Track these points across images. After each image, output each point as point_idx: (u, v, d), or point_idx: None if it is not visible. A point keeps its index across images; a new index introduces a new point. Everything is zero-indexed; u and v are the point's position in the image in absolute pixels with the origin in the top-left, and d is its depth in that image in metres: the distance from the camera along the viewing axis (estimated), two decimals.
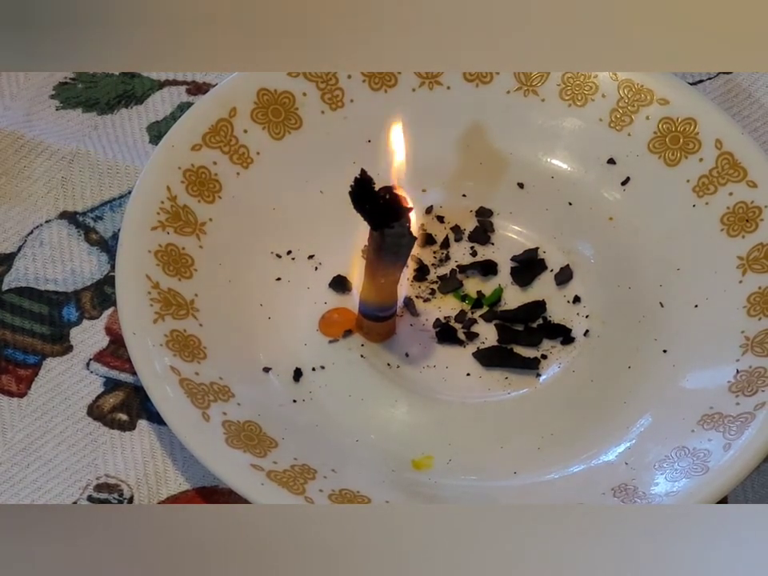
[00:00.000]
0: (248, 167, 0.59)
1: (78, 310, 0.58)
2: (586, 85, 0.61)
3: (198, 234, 0.57)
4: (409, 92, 0.61)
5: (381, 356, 0.56)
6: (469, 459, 0.54)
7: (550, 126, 0.62)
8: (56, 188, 0.61)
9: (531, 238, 0.60)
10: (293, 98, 0.60)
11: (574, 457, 0.54)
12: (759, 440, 0.51)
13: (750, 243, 0.57)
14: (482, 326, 0.58)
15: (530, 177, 0.61)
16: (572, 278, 0.59)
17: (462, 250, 0.60)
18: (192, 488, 0.54)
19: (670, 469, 0.52)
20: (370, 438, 0.54)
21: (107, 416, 0.55)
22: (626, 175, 0.61)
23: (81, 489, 0.54)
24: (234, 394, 0.53)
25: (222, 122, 0.59)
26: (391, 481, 0.52)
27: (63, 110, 0.64)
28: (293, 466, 0.51)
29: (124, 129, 0.64)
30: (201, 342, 0.54)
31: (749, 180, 0.58)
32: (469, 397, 0.56)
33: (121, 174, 0.62)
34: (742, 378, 0.54)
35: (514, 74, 0.61)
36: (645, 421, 0.55)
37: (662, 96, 0.60)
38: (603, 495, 0.52)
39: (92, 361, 0.57)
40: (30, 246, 0.60)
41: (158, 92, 0.65)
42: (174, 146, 0.58)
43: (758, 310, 0.56)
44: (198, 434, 0.51)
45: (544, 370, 0.56)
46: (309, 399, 0.55)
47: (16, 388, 0.56)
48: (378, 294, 0.55)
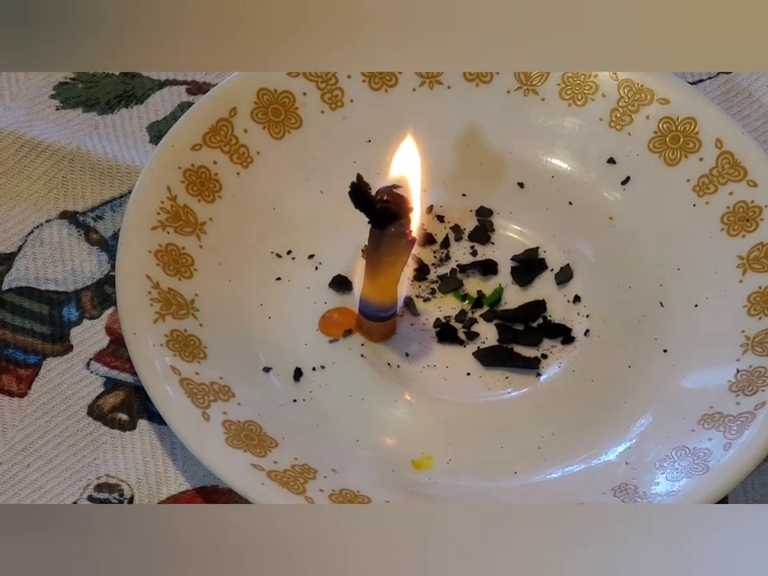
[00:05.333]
0: (248, 167, 0.59)
1: (79, 310, 0.58)
2: (586, 84, 0.61)
3: (198, 234, 0.57)
4: (409, 92, 0.61)
5: (381, 356, 0.56)
6: (469, 459, 0.54)
7: (550, 125, 0.62)
8: (56, 188, 0.62)
9: (531, 237, 0.60)
10: (293, 98, 0.60)
11: (574, 456, 0.54)
12: (759, 440, 0.51)
13: (751, 243, 0.57)
14: (483, 325, 0.58)
15: (530, 176, 0.61)
16: (572, 278, 0.59)
17: (462, 249, 0.60)
18: (192, 488, 0.54)
19: (670, 468, 0.52)
20: (370, 438, 0.54)
21: (107, 416, 0.55)
22: (626, 175, 0.61)
23: (81, 489, 0.54)
24: (235, 394, 0.53)
25: (222, 121, 0.59)
26: (391, 481, 0.52)
27: (63, 110, 0.64)
28: (293, 466, 0.51)
29: (124, 129, 0.64)
30: (201, 342, 0.54)
31: (749, 179, 0.58)
32: (469, 397, 0.56)
33: (121, 173, 0.62)
34: (743, 377, 0.54)
35: (514, 73, 0.61)
36: (645, 420, 0.55)
37: (662, 95, 0.60)
38: (603, 495, 0.52)
39: (92, 361, 0.57)
40: (30, 246, 0.60)
41: (158, 92, 0.65)
42: (174, 146, 0.58)
43: (759, 310, 0.56)
44: (199, 434, 0.51)
45: (544, 369, 0.56)
46: (309, 399, 0.55)
47: (16, 388, 0.56)
48: (379, 293, 0.55)
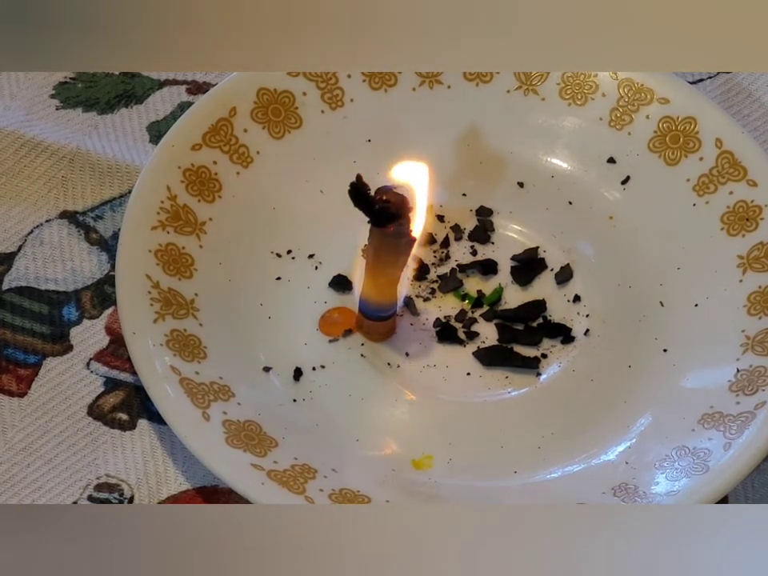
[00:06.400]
0: (248, 167, 0.59)
1: (78, 310, 0.58)
2: (585, 84, 0.61)
3: (198, 234, 0.57)
4: (409, 92, 0.61)
5: (381, 355, 0.56)
6: (469, 459, 0.54)
7: (550, 125, 0.62)
8: (56, 187, 0.62)
9: (531, 237, 0.60)
10: (293, 98, 0.60)
11: (574, 456, 0.54)
12: (759, 439, 0.51)
13: (751, 242, 0.57)
14: (482, 325, 0.58)
15: (530, 176, 0.61)
16: (572, 277, 0.59)
17: (462, 249, 0.60)
18: (192, 488, 0.54)
19: (670, 468, 0.52)
20: (370, 437, 0.54)
21: (107, 416, 0.55)
22: (626, 174, 0.61)
23: (81, 488, 0.54)
24: (234, 394, 0.53)
25: (221, 121, 0.59)
26: (391, 481, 0.53)
27: (63, 110, 0.64)
28: (293, 466, 0.51)
29: (124, 128, 0.64)
30: (201, 342, 0.54)
31: (749, 179, 0.58)
32: (469, 396, 0.56)
33: (121, 173, 0.62)
34: (743, 377, 0.54)
35: (514, 73, 0.61)
36: (645, 420, 0.55)
37: (662, 95, 0.60)
38: (603, 494, 0.52)
39: (92, 360, 0.57)
40: (30, 246, 0.60)
41: (157, 92, 0.65)
42: (174, 146, 0.58)
43: (759, 309, 0.56)
44: (198, 434, 0.51)
45: (544, 369, 0.56)
46: (309, 399, 0.55)
47: (16, 388, 0.56)
48: (379, 293, 0.55)
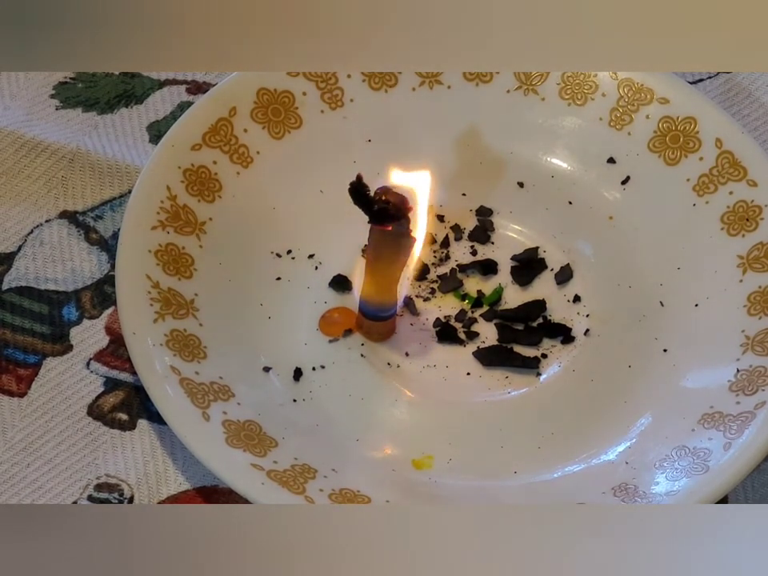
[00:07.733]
0: (248, 167, 0.59)
1: (78, 310, 0.58)
2: (585, 84, 0.61)
3: (198, 234, 0.57)
4: (409, 92, 0.61)
5: (381, 355, 0.56)
6: (469, 459, 0.54)
7: (550, 125, 0.62)
8: (56, 187, 0.62)
9: (531, 237, 0.60)
10: (292, 98, 0.60)
11: (574, 456, 0.54)
12: (759, 439, 0.51)
13: (751, 242, 0.57)
14: (482, 325, 0.58)
15: (530, 176, 0.61)
16: (572, 277, 0.59)
17: (462, 249, 0.60)
18: (192, 488, 0.54)
19: (670, 468, 0.52)
20: (370, 437, 0.54)
21: (107, 416, 0.55)
22: (626, 174, 0.60)
23: (81, 488, 0.54)
24: (234, 394, 0.53)
25: (221, 121, 0.59)
26: (391, 481, 0.52)
27: (63, 110, 0.64)
28: (293, 466, 0.51)
29: (124, 128, 0.64)
30: (201, 342, 0.54)
31: (749, 179, 0.58)
32: (469, 396, 0.56)
33: (121, 173, 0.62)
34: (743, 377, 0.54)
35: (514, 73, 0.61)
36: (645, 420, 0.55)
37: (662, 95, 0.60)
38: (603, 494, 0.52)
39: (92, 360, 0.57)
40: (30, 246, 0.60)
41: (157, 91, 0.65)
42: (174, 146, 0.58)
43: (759, 309, 0.56)
44: (198, 434, 0.51)
45: (544, 369, 0.56)
46: (309, 399, 0.55)
47: (16, 388, 0.56)
48: (379, 293, 0.55)
